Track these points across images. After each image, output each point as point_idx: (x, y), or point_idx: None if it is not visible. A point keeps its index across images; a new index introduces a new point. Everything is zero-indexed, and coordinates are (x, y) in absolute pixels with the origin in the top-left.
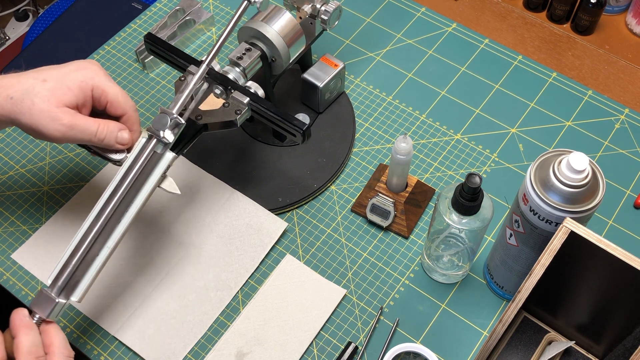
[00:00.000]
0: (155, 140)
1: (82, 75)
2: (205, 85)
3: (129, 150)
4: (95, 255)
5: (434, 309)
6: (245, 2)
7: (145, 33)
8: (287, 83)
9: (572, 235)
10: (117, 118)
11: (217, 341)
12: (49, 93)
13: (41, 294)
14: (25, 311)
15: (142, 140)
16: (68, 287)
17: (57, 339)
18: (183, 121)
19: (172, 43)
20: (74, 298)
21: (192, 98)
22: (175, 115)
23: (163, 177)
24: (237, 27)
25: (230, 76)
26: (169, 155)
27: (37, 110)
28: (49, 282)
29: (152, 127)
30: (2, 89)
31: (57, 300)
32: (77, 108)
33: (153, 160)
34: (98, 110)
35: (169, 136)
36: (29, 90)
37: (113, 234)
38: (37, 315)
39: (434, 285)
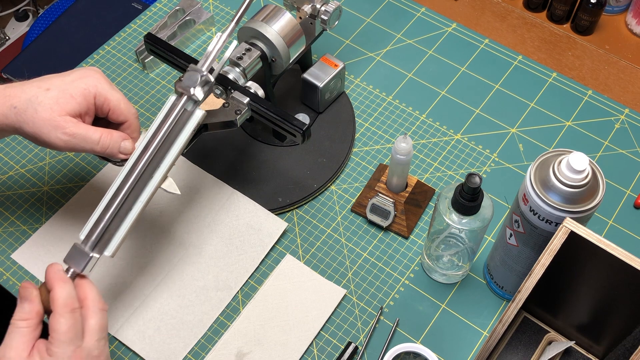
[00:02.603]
0: (185, 97)
1: (85, 83)
2: (235, 44)
3: None
4: (129, 210)
5: (434, 309)
6: None
7: (145, 33)
8: (287, 83)
9: (572, 235)
10: (118, 125)
11: (217, 341)
12: (52, 102)
13: (75, 248)
14: (59, 266)
15: (171, 98)
16: (101, 242)
17: (92, 293)
18: (212, 79)
19: (172, 43)
20: (107, 253)
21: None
22: (205, 73)
23: (190, 139)
24: (238, 26)
25: (230, 76)
26: (199, 112)
27: (40, 119)
28: (81, 237)
29: (182, 84)
30: (6, 99)
31: (90, 255)
32: (80, 116)
33: (183, 118)
34: (100, 117)
35: (199, 93)
36: (32, 99)
37: (145, 189)
38: (72, 269)
39: (434, 285)
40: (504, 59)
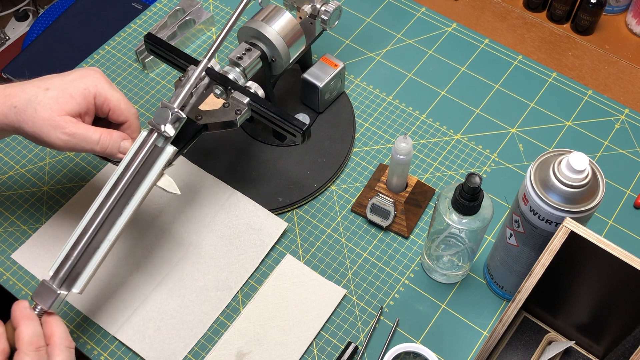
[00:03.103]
0: (156, 134)
1: (85, 83)
2: (207, 80)
3: None
4: (97, 248)
5: (434, 309)
6: None
7: (145, 33)
8: (287, 83)
9: (572, 235)
10: (118, 125)
11: (217, 341)
12: (52, 101)
13: (43, 285)
14: (26, 303)
15: (143, 133)
16: (69, 279)
17: (59, 330)
18: (184, 115)
19: (172, 43)
20: (75, 290)
21: (192, 94)
22: (176, 110)
23: (162, 172)
24: (236, 27)
25: (230, 76)
26: (170, 148)
27: (40, 119)
28: (50, 274)
29: (153, 120)
30: (6, 98)
31: (58, 292)
32: (80, 116)
33: (154, 154)
34: (100, 117)
35: (170, 130)
36: (32, 99)
37: (114, 226)
38: (39, 307)
39: (434, 285)
40: (504, 59)
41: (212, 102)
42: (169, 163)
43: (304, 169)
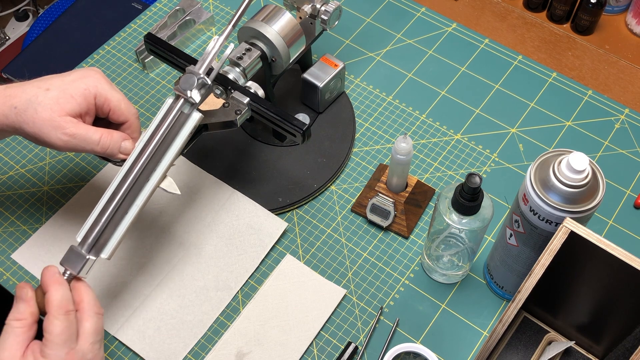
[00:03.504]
0: (182, 100)
1: (85, 83)
2: (232, 46)
3: None
4: (125, 213)
5: (434, 309)
6: None
7: (145, 33)
8: (287, 83)
9: (572, 235)
10: (118, 125)
11: (217, 341)
12: (52, 102)
13: (71, 250)
14: (55, 268)
15: (168, 100)
16: (98, 245)
17: (88, 296)
18: (209, 81)
19: (172, 43)
20: (103, 255)
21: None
22: (202, 75)
23: (190, 139)
24: (237, 27)
25: (230, 76)
26: (196, 115)
27: (40, 120)
28: (78, 240)
29: (179, 86)
30: (7, 99)
31: (87, 257)
32: (81, 116)
33: (180, 120)
34: (100, 118)
35: (196, 96)
36: (33, 99)
37: (142, 192)
38: (68, 272)
39: (434, 285)
40: (504, 59)
41: (212, 102)
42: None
43: (304, 169)
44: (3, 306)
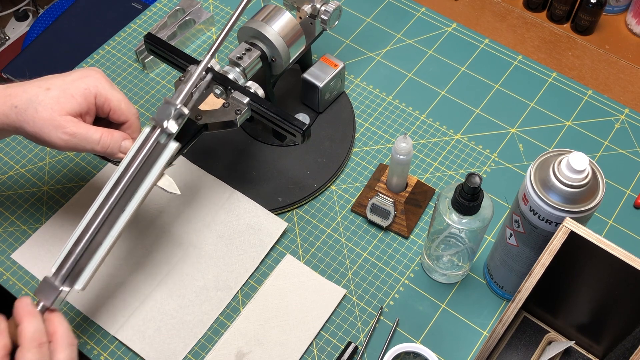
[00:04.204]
0: (159, 130)
1: (86, 83)
2: (209, 77)
3: None
4: (99, 244)
5: (434, 309)
6: None
7: (145, 33)
8: (287, 83)
9: (572, 235)
10: (119, 125)
11: (217, 341)
12: (53, 101)
13: (45, 282)
14: (28, 299)
15: (145, 130)
16: (72, 276)
17: (61, 327)
18: (187, 111)
19: (172, 43)
20: (77, 286)
21: (191, 95)
22: (179, 106)
23: (162, 172)
24: (237, 27)
25: (230, 76)
26: (173, 145)
27: (41, 119)
28: (52, 270)
29: (155, 117)
30: (7, 98)
31: (60, 289)
32: (81, 116)
33: (157, 151)
34: (101, 117)
35: (173, 126)
36: (33, 99)
37: (117, 222)
38: (41, 303)
39: (434, 285)
40: (504, 59)
41: (212, 102)
42: (170, 163)
43: (304, 169)
44: (3, 306)
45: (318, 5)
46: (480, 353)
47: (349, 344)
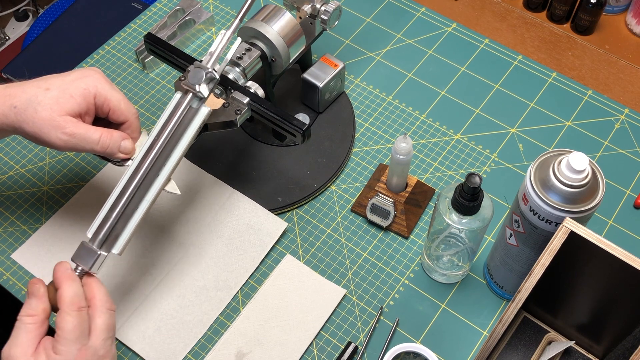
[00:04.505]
0: (190, 95)
1: (85, 83)
2: (238, 41)
3: None
4: (135, 209)
5: (434, 309)
6: None
7: (145, 33)
8: (287, 83)
9: (572, 235)
10: (118, 125)
11: (217, 341)
12: (52, 101)
13: (82, 246)
14: (67, 264)
15: (176, 95)
16: (109, 240)
17: (100, 292)
18: (217, 76)
19: (172, 43)
20: (114, 251)
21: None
22: (210, 69)
23: (199, 132)
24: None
25: (230, 76)
26: (205, 109)
27: (40, 119)
28: (89, 235)
29: (187, 81)
30: (6, 98)
31: (99, 252)
32: (80, 116)
33: (189, 115)
34: (100, 117)
35: (205, 90)
36: (32, 99)
37: (152, 187)
38: (80, 268)
39: (434, 285)
40: (504, 59)
41: (212, 102)
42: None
43: (304, 169)
44: (3, 306)
45: (318, 5)
46: (480, 353)
47: (349, 344)
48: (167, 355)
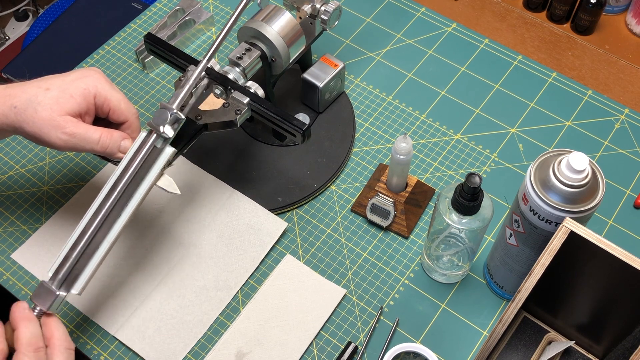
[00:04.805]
0: (155, 135)
1: (85, 83)
2: (206, 81)
3: None
4: (96, 249)
5: (434, 309)
6: None
7: (145, 33)
8: (287, 83)
9: (572, 235)
10: (118, 125)
11: (217, 341)
12: (52, 102)
13: (42, 286)
14: (25, 304)
15: (142, 134)
16: (69, 280)
17: (58, 332)
18: (183, 116)
19: (172, 43)
20: (74, 291)
21: (191, 94)
22: (175, 111)
23: (162, 172)
24: (237, 27)
25: (230, 76)
26: (169, 150)
27: (40, 119)
28: (49, 275)
29: (152, 122)
30: (7, 99)
31: (57, 293)
32: (80, 116)
33: (153, 155)
34: (100, 117)
35: (169, 131)
36: (32, 99)
37: (114, 227)
38: (38, 308)
39: (434, 285)
40: (504, 59)
41: (212, 102)
42: (169, 163)
43: (304, 169)
44: (3, 306)
45: (318, 5)
46: (480, 353)
47: (349, 344)
48: (167, 355)
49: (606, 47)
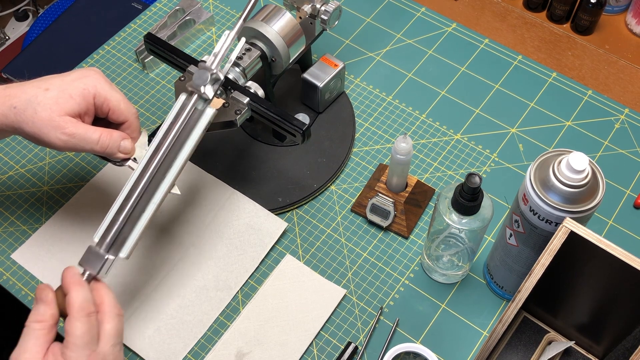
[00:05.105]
0: (196, 96)
1: (84, 83)
2: (243, 41)
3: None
4: (142, 212)
5: (434, 309)
6: None
7: (145, 33)
8: (287, 83)
9: (572, 235)
10: (118, 125)
11: (217, 341)
12: (52, 102)
13: (90, 251)
14: (76, 269)
15: (182, 97)
16: (116, 244)
17: (108, 297)
18: (222, 77)
19: (172, 43)
20: (122, 254)
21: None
22: (214, 71)
23: (203, 135)
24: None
25: (230, 76)
26: (210, 110)
27: (40, 119)
28: (96, 240)
29: (192, 83)
30: (6, 99)
31: (106, 257)
32: (80, 116)
33: (194, 117)
34: (100, 117)
35: (209, 91)
36: (32, 99)
37: (158, 189)
38: (87, 272)
39: (434, 285)
40: (504, 59)
41: (212, 102)
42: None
43: (304, 169)
44: (3, 306)
45: (318, 5)
46: (480, 353)
47: (349, 344)
48: (167, 355)
49: (606, 47)
